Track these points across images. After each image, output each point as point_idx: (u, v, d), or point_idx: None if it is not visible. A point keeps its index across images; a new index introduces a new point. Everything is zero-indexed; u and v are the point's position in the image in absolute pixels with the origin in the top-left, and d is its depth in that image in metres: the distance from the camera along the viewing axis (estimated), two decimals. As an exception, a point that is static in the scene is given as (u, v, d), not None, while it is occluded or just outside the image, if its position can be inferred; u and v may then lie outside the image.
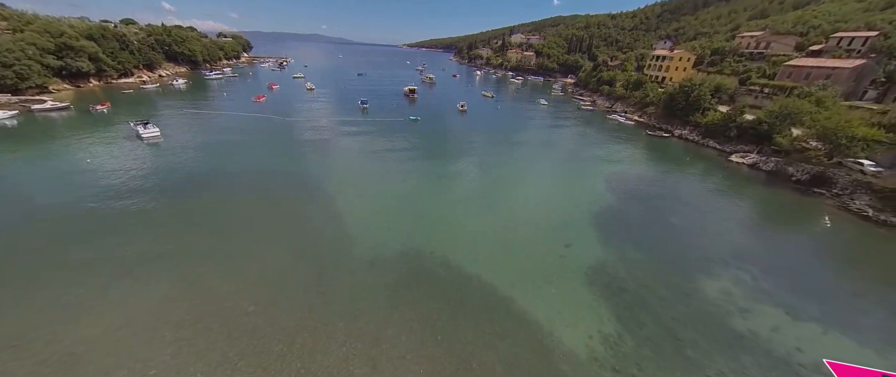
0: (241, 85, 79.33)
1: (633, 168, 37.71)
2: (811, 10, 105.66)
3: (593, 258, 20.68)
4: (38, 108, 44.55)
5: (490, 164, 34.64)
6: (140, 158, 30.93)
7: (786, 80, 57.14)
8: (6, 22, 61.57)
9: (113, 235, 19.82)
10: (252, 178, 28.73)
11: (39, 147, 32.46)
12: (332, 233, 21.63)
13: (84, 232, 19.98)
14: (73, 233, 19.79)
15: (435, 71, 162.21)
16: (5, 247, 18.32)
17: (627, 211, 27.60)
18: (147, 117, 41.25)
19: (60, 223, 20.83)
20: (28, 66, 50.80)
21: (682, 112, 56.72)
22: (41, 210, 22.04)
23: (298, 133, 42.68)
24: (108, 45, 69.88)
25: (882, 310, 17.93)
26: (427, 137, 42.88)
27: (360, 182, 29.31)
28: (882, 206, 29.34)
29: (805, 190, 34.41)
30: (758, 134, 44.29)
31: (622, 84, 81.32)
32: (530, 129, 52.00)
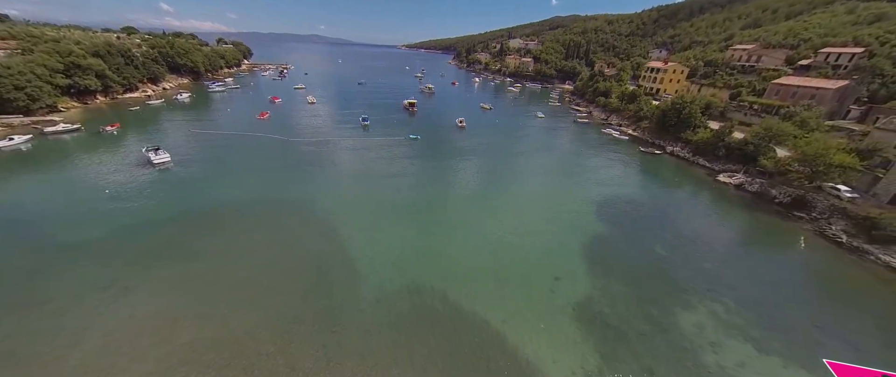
0: (243, 98, 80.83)
1: (623, 191, 39.46)
2: (803, 20, 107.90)
3: (580, 292, 22.45)
4: (51, 131, 46.06)
5: (486, 193, 36.24)
6: (153, 188, 32.55)
7: (773, 98, 59.04)
8: (16, 41, 62.97)
9: (133, 271, 21.48)
10: (261, 210, 30.37)
11: (58, 175, 34.07)
12: (340, 268, 23.33)
13: (104, 273, 21.62)
14: (92, 274, 21.43)
15: (434, 77, 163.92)
16: (30, 275, 19.96)
17: (615, 240, 29.38)
18: (157, 142, 42.91)
19: (81, 257, 22.47)
20: (39, 88, 52.31)
21: (673, 128, 58.55)
22: (64, 242, 23.67)
23: (302, 155, 44.33)
24: (113, 61, 71.34)
25: (836, 340, 19.74)
26: (426, 160, 44.50)
27: (364, 214, 30.97)
28: (856, 232, 31.21)
29: (786, 213, 36.28)
30: (744, 154, 46.15)
31: (617, 96, 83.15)
32: (526, 150, 53.56)
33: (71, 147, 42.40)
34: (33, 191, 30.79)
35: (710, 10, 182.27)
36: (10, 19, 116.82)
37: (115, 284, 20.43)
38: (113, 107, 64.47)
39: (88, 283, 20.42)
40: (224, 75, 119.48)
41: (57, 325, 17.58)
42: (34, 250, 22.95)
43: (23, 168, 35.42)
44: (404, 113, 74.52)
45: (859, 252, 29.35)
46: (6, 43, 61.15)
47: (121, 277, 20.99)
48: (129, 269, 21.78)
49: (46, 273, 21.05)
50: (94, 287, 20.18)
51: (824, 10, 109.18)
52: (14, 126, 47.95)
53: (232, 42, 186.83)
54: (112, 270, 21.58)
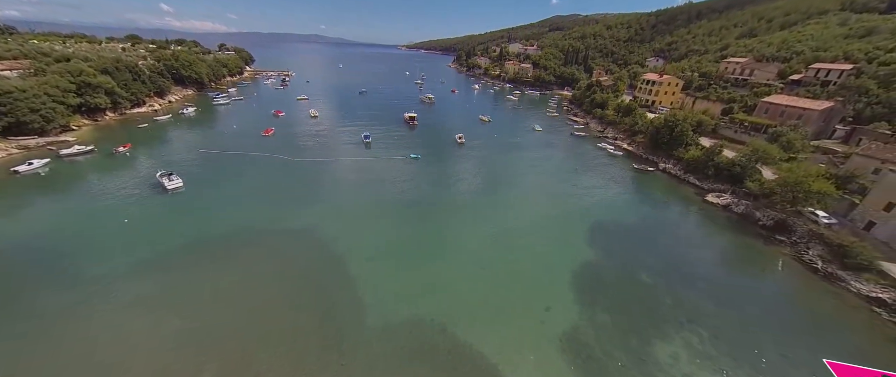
0: (247, 111, 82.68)
1: (614, 214, 41.36)
2: (797, 31, 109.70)
3: (568, 322, 24.41)
4: (67, 153, 47.96)
5: (482, 220, 37.74)
6: (169, 216, 34.52)
7: (763, 115, 60.91)
8: (29, 61, 64.85)
9: (153, 307, 23.45)
10: (271, 238, 32.30)
11: (78, 203, 35.99)
12: (347, 299, 25.29)
13: (131, 309, 23.59)
14: (120, 308, 23.40)
15: (433, 84, 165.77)
16: (65, 311, 21.93)
17: (604, 267, 31.32)
18: (168, 163, 44.92)
19: (109, 291, 24.44)
20: (53, 109, 54.23)
21: (666, 145, 60.43)
22: (93, 275, 25.63)
23: (308, 178, 46.28)
24: (121, 77, 73.22)
25: (801, 371, 21.69)
26: (425, 184, 46.14)
27: (368, 241, 32.88)
28: (830, 258, 33.14)
29: (768, 236, 38.21)
30: (732, 175, 48.06)
31: (613, 109, 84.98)
32: (522, 169, 55.03)
33: (87, 170, 44.33)
34: (57, 220, 32.71)
35: (708, 15, 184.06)
36: (17, 31, 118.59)
37: (140, 317, 22.41)
38: (122, 123, 66.40)
39: (117, 317, 22.39)
40: (227, 84, 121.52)
41: (88, 358, 19.55)
42: (67, 285, 24.90)
43: (44, 195, 37.36)
44: (405, 126, 76.41)
45: (833, 278, 31.29)
46: (19, 63, 63.05)
47: (145, 313, 22.97)
48: (150, 304, 23.74)
49: (79, 309, 23.01)
50: (122, 320, 22.16)
51: (818, 21, 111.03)
52: (30, 148, 49.90)
53: (233, 47, 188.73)
54: (136, 305, 23.54)
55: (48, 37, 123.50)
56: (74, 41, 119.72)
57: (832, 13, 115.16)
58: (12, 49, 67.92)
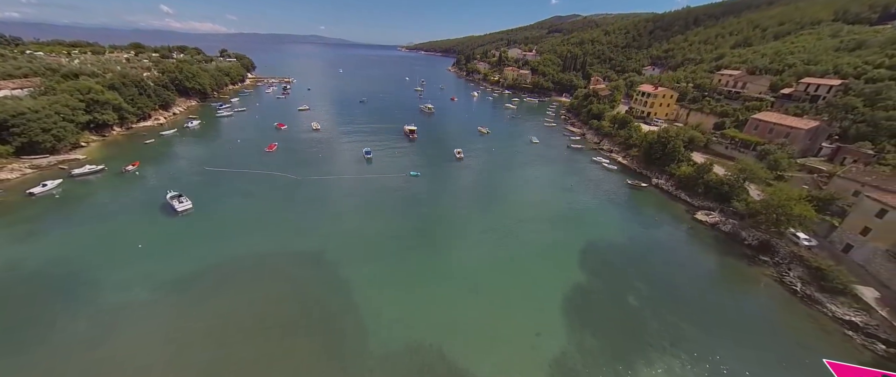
0: (250, 124, 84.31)
1: (606, 234, 43.07)
2: (790, 41, 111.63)
3: (557, 348, 26.10)
4: (78, 173, 49.58)
5: (477, 241, 39.26)
6: (180, 240, 36.20)
7: (753, 132, 62.68)
8: (39, 78, 66.55)
9: (170, 333, 25.14)
10: (277, 262, 33.96)
11: (93, 227, 37.59)
12: (351, 325, 26.99)
13: (153, 340, 25.28)
14: (142, 339, 25.09)
15: (433, 90, 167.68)
16: (91, 342, 23.62)
17: (593, 290, 33.03)
18: (175, 183, 46.64)
19: (131, 320, 26.13)
20: (64, 128, 55.92)
21: (659, 161, 62.19)
22: (114, 303, 27.31)
23: (311, 198, 47.93)
24: (128, 92, 74.93)
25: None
26: (425, 204, 47.58)
27: (370, 265, 34.58)
28: (809, 280, 34.87)
29: (752, 256, 39.94)
30: (721, 193, 49.81)
31: (609, 120, 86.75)
32: (518, 185, 56.39)
33: (98, 191, 45.99)
34: (74, 245, 34.35)
35: (705, 22, 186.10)
36: (22, 41, 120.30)
37: (157, 346, 24.11)
38: (129, 138, 68.05)
39: (135, 346, 24.09)
40: (229, 93, 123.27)
41: (120, 390, 21.23)
42: (87, 313, 26.58)
43: (59, 218, 38.98)
44: (405, 139, 78.13)
45: (811, 301, 33.01)
46: (30, 81, 64.76)
47: (163, 342, 24.67)
48: (168, 333, 25.45)
49: (99, 338, 24.69)
50: (140, 349, 23.86)
51: (811, 31, 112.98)
52: (43, 167, 51.52)
53: (235, 54, 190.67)
54: (153, 333, 25.26)
55: (54, 47, 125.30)
56: (79, 51, 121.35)
57: (825, 24, 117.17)
58: (22, 66, 69.57)
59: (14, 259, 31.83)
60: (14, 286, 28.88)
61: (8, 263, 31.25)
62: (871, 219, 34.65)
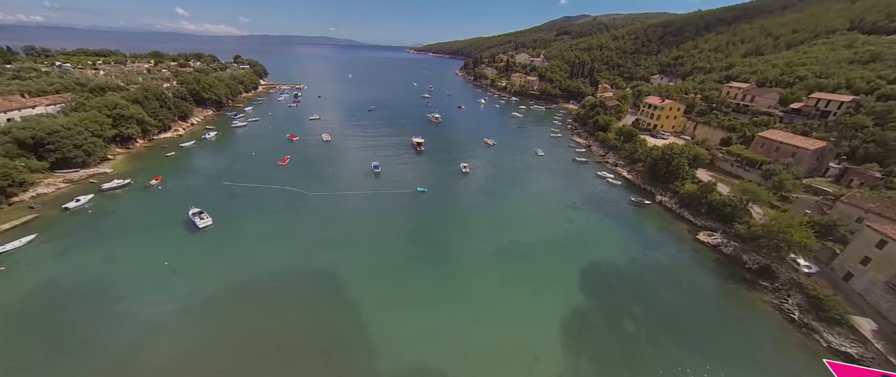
0: (264, 135, 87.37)
1: (607, 256, 44.09)
2: (803, 51, 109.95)
3: (554, 372, 27.52)
4: (107, 188, 52.86)
5: (481, 261, 40.68)
6: (202, 258, 38.73)
7: (759, 150, 62.64)
8: (70, 94, 70.70)
9: (194, 351, 27.42)
10: (290, 282, 36.18)
11: (124, 243, 40.42)
12: (361, 347, 28.90)
13: (185, 358, 27.62)
14: (173, 354, 27.44)
15: (440, 97, 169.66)
16: (126, 360, 26.03)
17: (591, 314, 34.27)
18: (197, 200, 49.45)
19: (163, 336, 28.55)
20: (93, 143, 59.53)
21: (663, 178, 62.67)
22: (147, 318, 29.81)
23: (323, 214, 50.17)
24: (150, 105, 78.83)
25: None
26: (430, 222, 49.19)
27: (378, 285, 36.52)
28: (808, 308, 35.42)
29: (752, 281, 40.51)
30: (723, 214, 50.25)
31: (615, 133, 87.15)
32: (522, 202, 56.99)
33: (126, 206, 49.10)
34: (107, 261, 37.13)
35: (716, 27, 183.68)
36: (51, 53, 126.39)
37: (183, 362, 26.42)
38: (151, 150, 71.66)
39: (166, 363, 26.44)
40: (243, 101, 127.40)
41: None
42: (122, 329, 29.11)
43: (93, 233, 41.93)
44: (412, 151, 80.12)
45: (808, 329, 33.60)
46: (62, 97, 68.90)
47: (187, 358, 26.99)
48: (192, 351, 27.76)
49: (133, 355, 27.13)
50: (171, 366, 26.19)
51: (825, 41, 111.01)
52: (75, 181, 55.03)
53: (248, 61, 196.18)
54: (181, 354, 27.61)
55: (79, 58, 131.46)
56: (102, 62, 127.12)
57: (840, 33, 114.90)
58: (54, 82, 73.89)
59: (55, 275, 34.74)
60: (55, 302, 31.69)
61: (50, 279, 34.17)
62: (871, 249, 35.03)
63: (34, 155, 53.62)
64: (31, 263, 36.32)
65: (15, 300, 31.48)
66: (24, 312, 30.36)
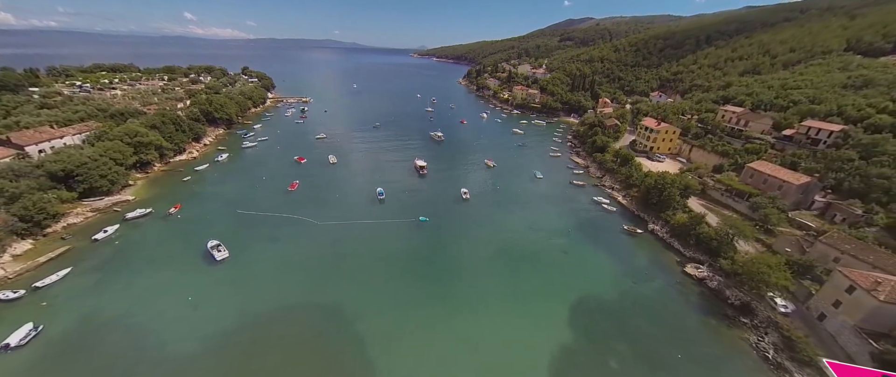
0: (272, 156, 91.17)
1: (597, 289, 46.88)
2: (799, 71, 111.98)
3: (543, 413, 30.43)
4: (131, 217, 56.58)
5: (478, 299, 43.35)
6: (221, 293, 42.06)
7: (748, 180, 65.08)
8: (93, 121, 75.01)
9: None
10: (304, 316, 39.49)
11: (150, 278, 43.94)
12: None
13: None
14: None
15: (443, 109, 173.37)
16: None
17: (578, 351, 37.10)
18: (213, 227, 53.18)
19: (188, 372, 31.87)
20: (116, 172, 63.54)
21: (655, 206, 65.30)
22: (175, 354, 33.17)
23: (330, 244, 53.43)
24: (166, 130, 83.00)
25: None
26: (432, 253, 52.38)
27: (383, 318, 39.74)
28: (783, 347, 37.96)
29: (734, 317, 43.09)
30: (710, 248, 52.81)
31: (612, 156, 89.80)
32: (518, 231, 59.33)
33: (149, 237, 52.71)
34: (136, 296, 40.62)
35: (716, 40, 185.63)
36: (72, 71, 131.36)
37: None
38: (168, 174, 75.69)
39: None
40: (252, 117, 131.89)
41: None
42: (155, 366, 32.52)
43: (121, 265, 45.55)
44: (416, 174, 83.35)
45: (780, 369, 36.14)
46: (86, 125, 73.21)
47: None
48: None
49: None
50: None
51: (821, 62, 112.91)
52: (101, 209, 58.90)
53: (256, 73, 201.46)
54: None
55: (96, 75, 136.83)
56: (119, 80, 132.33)
57: (836, 53, 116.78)
58: (79, 110, 78.28)
59: (90, 311, 38.34)
60: (92, 338, 35.19)
61: (86, 315, 37.77)
62: (841, 293, 37.51)
63: (64, 186, 57.64)
64: (69, 298, 39.99)
65: (57, 336, 35.06)
66: (65, 349, 33.84)
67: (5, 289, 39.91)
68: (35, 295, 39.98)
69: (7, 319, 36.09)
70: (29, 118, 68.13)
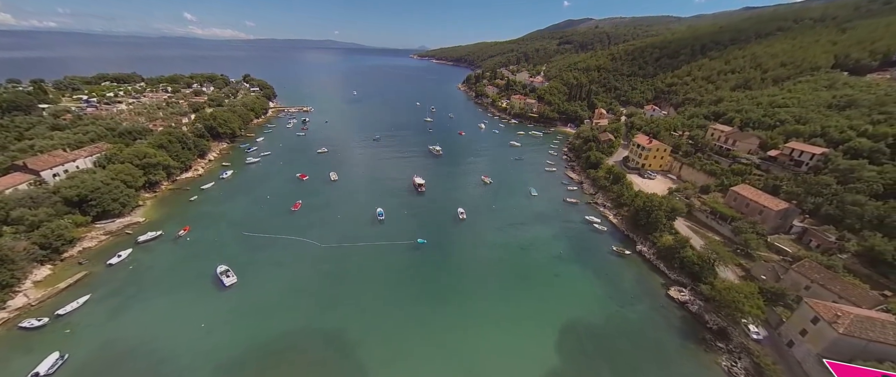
0: (275, 172, 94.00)
1: (583, 314, 49.80)
2: (787, 88, 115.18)
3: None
4: (143, 240, 59.33)
5: (471, 324, 46.17)
6: (232, 319, 44.89)
7: (732, 203, 68.14)
8: (104, 142, 77.75)
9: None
10: (309, 343, 42.33)
11: (162, 301, 46.82)
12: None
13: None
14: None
15: (442, 118, 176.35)
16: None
17: (563, 376, 40.15)
18: (221, 250, 56.11)
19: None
20: (127, 195, 66.33)
21: (643, 228, 68.33)
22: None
23: (332, 266, 56.30)
24: (173, 148, 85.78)
25: None
26: (429, 277, 55.43)
27: (382, 344, 42.67)
28: (753, 373, 40.97)
29: (711, 341, 46.09)
30: (692, 272, 55.83)
31: (605, 173, 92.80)
32: (511, 253, 62.52)
33: (161, 260, 55.49)
34: (151, 322, 43.42)
35: (711, 51, 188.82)
36: (78, 85, 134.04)
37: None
38: (175, 192, 78.46)
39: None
40: (254, 129, 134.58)
41: None
42: (173, 394, 35.42)
43: (136, 290, 48.40)
44: (414, 192, 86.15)
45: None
46: (97, 147, 75.93)
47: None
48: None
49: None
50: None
51: (809, 79, 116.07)
52: (113, 232, 61.66)
53: (257, 82, 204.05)
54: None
55: (101, 87, 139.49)
56: (123, 92, 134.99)
57: (824, 70, 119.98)
58: (89, 130, 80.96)
59: (110, 338, 41.18)
60: (114, 366, 38.02)
61: (107, 343, 40.61)
62: (807, 323, 40.54)
63: (78, 210, 60.39)
64: (90, 325, 42.84)
65: (82, 365, 37.87)
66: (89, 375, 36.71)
67: (30, 317, 42.74)
68: (58, 322, 42.82)
69: (35, 347, 38.99)
70: (43, 141, 70.79)
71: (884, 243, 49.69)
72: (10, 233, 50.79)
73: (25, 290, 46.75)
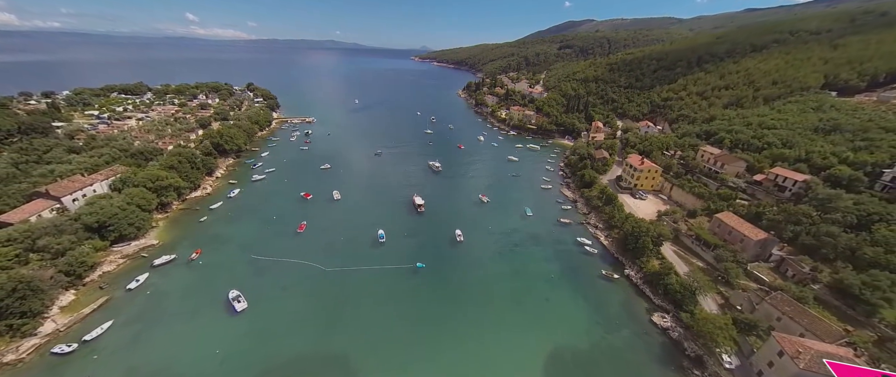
0: (280, 191, 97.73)
1: (571, 338, 53.42)
2: (777, 108, 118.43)
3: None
4: (158, 263, 63.14)
5: (465, 351, 49.73)
6: (244, 347, 48.62)
7: (715, 230, 71.55)
8: (119, 165, 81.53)
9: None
10: (311, 367, 46.00)
11: (179, 326, 50.55)
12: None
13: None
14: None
15: (442, 129, 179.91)
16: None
17: (551, 404, 43.70)
18: (231, 273, 59.92)
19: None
20: (143, 219, 70.08)
21: (631, 252, 71.84)
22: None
23: (336, 291, 60.02)
24: (183, 168, 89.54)
25: None
26: (427, 302, 59.23)
27: (384, 371, 46.33)
28: (725, 400, 44.50)
29: (689, 369, 49.59)
30: (675, 299, 59.33)
31: (598, 193, 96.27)
32: (505, 278, 65.99)
33: (176, 285, 59.27)
34: (170, 350, 47.16)
35: (707, 64, 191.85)
36: (89, 100, 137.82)
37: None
38: (186, 212, 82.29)
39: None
40: (259, 142, 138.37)
41: None
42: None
43: (155, 316, 52.20)
44: (414, 212, 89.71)
45: (720, 421, 42.70)
46: (112, 170, 79.67)
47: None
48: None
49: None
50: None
51: (798, 100, 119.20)
52: (130, 255, 65.46)
53: (261, 91, 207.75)
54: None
55: (110, 100, 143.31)
56: (132, 106, 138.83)
57: (813, 90, 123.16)
58: (104, 153, 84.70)
59: (135, 364, 44.93)
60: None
61: (132, 369, 44.37)
62: (774, 355, 43.99)
63: (97, 235, 64.13)
64: (115, 351, 46.61)
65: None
66: (118, 402, 40.44)
67: (60, 343, 46.51)
68: (86, 348, 46.62)
69: (66, 373, 42.81)
70: (61, 167, 74.48)
71: (852, 276, 53.07)
72: (36, 260, 54.57)
73: (53, 316, 50.53)
